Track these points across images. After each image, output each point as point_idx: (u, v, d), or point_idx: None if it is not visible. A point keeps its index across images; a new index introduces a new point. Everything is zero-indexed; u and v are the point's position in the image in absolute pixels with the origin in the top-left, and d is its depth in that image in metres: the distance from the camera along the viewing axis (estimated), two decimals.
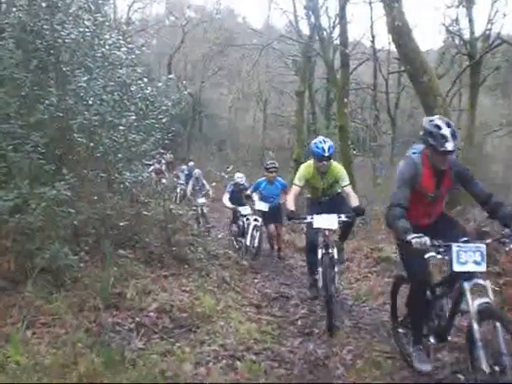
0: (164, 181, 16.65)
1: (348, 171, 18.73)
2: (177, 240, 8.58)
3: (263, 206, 11.19)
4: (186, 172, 19.48)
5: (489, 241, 4.55)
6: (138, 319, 5.88)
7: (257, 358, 5.36)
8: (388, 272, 8.65)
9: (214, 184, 16.67)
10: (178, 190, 18.09)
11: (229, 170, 16.57)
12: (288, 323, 6.73)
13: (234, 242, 12.71)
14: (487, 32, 24.68)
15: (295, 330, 6.46)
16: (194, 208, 14.05)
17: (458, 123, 23.77)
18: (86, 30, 7.81)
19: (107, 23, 8.58)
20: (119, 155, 8.28)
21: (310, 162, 7.72)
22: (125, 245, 7.80)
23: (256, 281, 8.99)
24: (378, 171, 21.88)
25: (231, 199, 12.76)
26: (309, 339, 6.13)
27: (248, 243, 11.40)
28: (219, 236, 11.30)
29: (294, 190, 7.56)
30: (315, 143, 7.50)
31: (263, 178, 11.58)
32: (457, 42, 26.75)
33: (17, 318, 5.58)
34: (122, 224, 7.77)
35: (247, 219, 11.81)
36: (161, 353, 5.19)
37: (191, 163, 19.67)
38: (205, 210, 15.37)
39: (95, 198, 7.97)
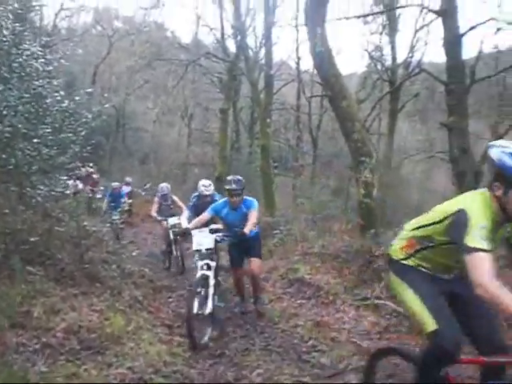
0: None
1: (268, 189, 19.00)
2: (90, 257, 8.38)
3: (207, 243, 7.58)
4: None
5: None
6: (44, 339, 5.67)
7: (165, 380, 5.29)
8: (301, 294, 8.76)
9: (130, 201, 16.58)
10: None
11: (146, 187, 16.24)
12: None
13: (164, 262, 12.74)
14: (409, 59, 25.69)
15: (206, 351, 6.41)
16: (110, 223, 13.52)
17: (376, 147, 24.44)
18: (4, 39, 7.59)
19: (26, 33, 8.32)
20: (33, 168, 8.04)
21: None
22: (35, 261, 7.54)
23: (170, 300, 8.85)
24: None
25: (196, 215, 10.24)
26: (219, 361, 6.11)
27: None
28: (133, 254, 10.96)
29: None
30: None
31: (222, 200, 8.21)
32: (379, 67, 27.58)
33: None
34: (32, 239, 7.53)
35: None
36: (66, 376, 5.03)
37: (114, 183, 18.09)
38: (121, 226, 15.09)
39: (6, 211, 7.71)
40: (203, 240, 7.44)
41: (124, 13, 51.24)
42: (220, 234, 7.58)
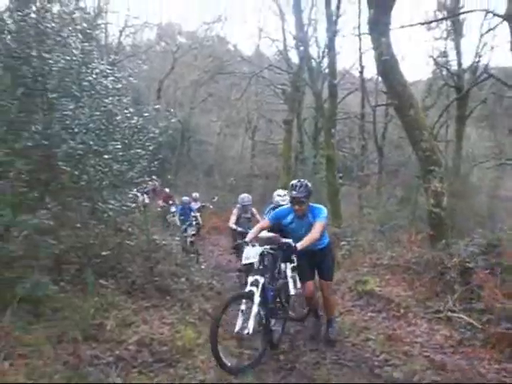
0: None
1: (334, 200, 18.83)
2: (160, 270, 8.49)
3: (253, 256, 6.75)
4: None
5: None
6: (117, 352, 5.80)
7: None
8: (371, 306, 8.61)
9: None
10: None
11: (214, 200, 16.56)
12: (269, 358, 6.64)
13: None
14: (475, 64, 25.07)
15: (276, 365, 6.37)
16: (180, 237, 13.49)
17: (444, 154, 23.95)
18: (74, 58, 7.81)
19: (95, 52, 8.55)
20: (104, 183, 8.23)
21: None
22: (107, 274, 7.71)
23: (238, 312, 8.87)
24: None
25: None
26: (290, 374, 6.07)
27: None
28: (202, 267, 11.11)
29: None
30: None
31: (288, 206, 7.48)
32: (444, 73, 27.08)
33: None
34: (104, 253, 7.71)
35: None
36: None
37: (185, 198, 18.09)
38: (191, 239, 15.07)
39: (78, 226, 7.92)
40: (250, 252, 6.62)
41: (187, 28, 52.01)
42: (268, 247, 6.76)
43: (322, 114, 22.21)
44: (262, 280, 6.35)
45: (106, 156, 7.93)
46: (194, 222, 15.65)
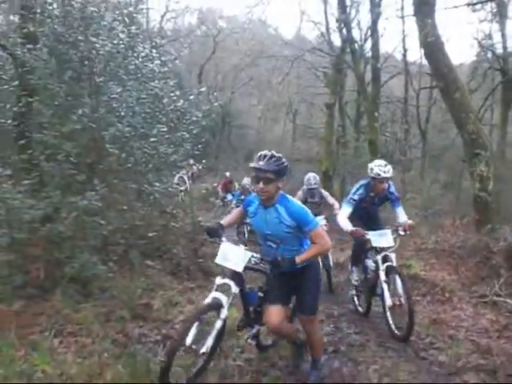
0: (182, 188, 16.68)
1: None
2: (204, 252, 8.58)
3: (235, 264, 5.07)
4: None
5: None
6: (163, 331, 5.92)
7: (281, 373, 5.35)
8: (416, 290, 8.55)
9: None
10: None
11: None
12: None
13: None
14: None
15: None
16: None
17: (490, 139, 23.50)
18: (120, 42, 7.90)
19: (140, 35, 8.63)
20: (149, 165, 8.33)
21: None
22: (153, 255, 7.85)
23: None
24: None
25: None
26: (334, 356, 6.09)
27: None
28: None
29: None
30: None
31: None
32: (489, 56, 26.49)
33: (45, 326, 5.66)
34: (150, 235, 7.82)
35: None
36: (186, 365, 5.20)
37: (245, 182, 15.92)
38: None
39: (125, 208, 8.04)
40: (233, 256, 4.95)
41: (228, 12, 51.95)
42: (257, 257, 4.97)
43: (364, 97, 22.02)
44: (235, 287, 4.93)
45: (152, 139, 8.02)
46: None
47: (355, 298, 8.05)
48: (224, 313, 4.78)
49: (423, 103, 28.61)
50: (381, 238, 6.93)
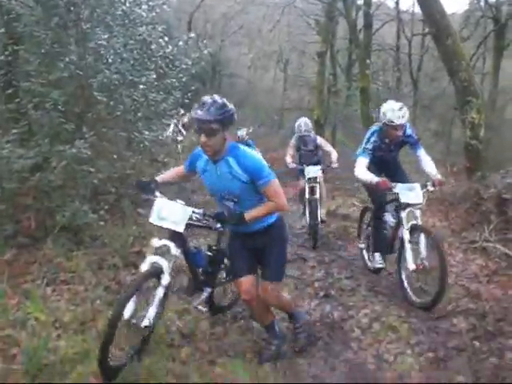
0: (180, 138, 16.49)
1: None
2: (196, 200, 8.59)
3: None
4: None
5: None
6: None
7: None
8: None
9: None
10: None
11: (250, 131, 15.08)
12: (305, 285, 6.76)
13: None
14: None
15: (312, 291, 6.50)
16: None
17: (481, 87, 23.40)
18: None
19: None
20: (139, 114, 8.25)
21: None
22: (144, 204, 7.83)
23: None
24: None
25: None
26: (325, 301, 6.17)
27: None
28: None
29: None
30: None
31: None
32: (482, 4, 26.17)
33: (37, 274, 5.71)
34: None
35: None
36: (178, 312, 5.26)
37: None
38: None
39: (115, 156, 8.00)
40: (171, 214, 4.36)
41: None
42: (199, 212, 4.45)
43: (356, 44, 21.83)
44: (176, 252, 4.35)
45: (141, 86, 7.92)
46: None
47: (365, 253, 7.51)
48: (166, 279, 4.23)
49: (415, 51, 28.34)
50: (410, 193, 6.12)
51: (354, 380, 4.47)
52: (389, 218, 6.93)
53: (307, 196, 9.15)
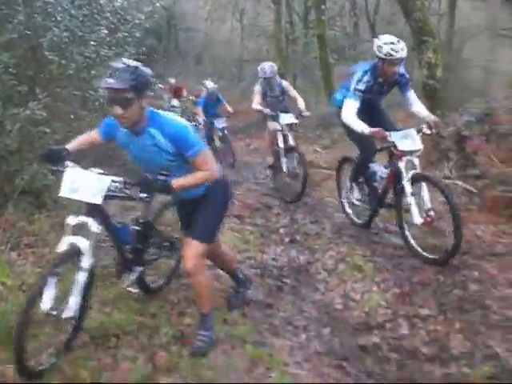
0: None
1: (328, 80, 18.52)
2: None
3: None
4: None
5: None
6: None
7: (240, 266, 5.43)
8: None
9: (190, 97, 16.11)
10: None
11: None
12: (270, 232, 6.84)
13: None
14: None
15: (278, 238, 6.58)
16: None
17: (438, 27, 23.43)
18: None
19: None
20: (93, 72, 8.06)
21: None
22: (105, 163, 7.75)
23: (238, 193, 8.95)
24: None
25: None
26: (291, 246, 6.25)
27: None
28: None
29: None
30: None
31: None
32: None
33: (0, 240, 5.60)
34: None
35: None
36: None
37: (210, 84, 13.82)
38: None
39: (72, 116, 7.85)
40: (85, 185, 3.72)
41: None
42: (120, 181, 3.86)
43: None
44: (95, 226, 3.77)
45: (92, 42, 7.73)
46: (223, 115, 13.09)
47: (347, 207, 7.10)
48: (86, 261, 3.68)
49: None
50: (407, 140, 5.70)
51: (322, 320, 4.56)
52: (379, 168, 6.33)
53: (281, 145, 8.65)
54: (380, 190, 6.31)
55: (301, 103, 8.99)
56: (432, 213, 5.48)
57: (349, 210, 7.07)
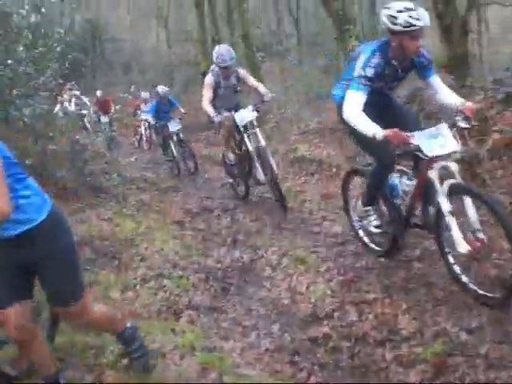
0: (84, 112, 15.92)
1: (257, 77, 18.53)
2: (90, 170, 8.36)
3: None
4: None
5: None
6: None
7: (184, 272, 5.38)
8: (304, 171, 8.77)
9: (118, 107, 15.90)
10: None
11: (131, 89, 15.10)
12: (212, 234, 6.78)
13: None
14: None
15: (220, 240, 6.52)
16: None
17: (360, 16, 23.80)
18: None
19: None
20: (14, 91, 7.83)
21: None
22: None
23: (176, 199, 8.88)
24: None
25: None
26: (234, 247, 6.21)
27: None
28: (132, 159, 10.88)
29: None
30: None
31: None
32: None
33: None
34: (27, 162, 7.46)
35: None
36: (86, 284, 5.12)
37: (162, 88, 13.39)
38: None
39: None
40: None
41: None
42: None
43: None
44: None
45: (9, 61, 7.50)
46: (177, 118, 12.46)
47: (361, 234, 5.48)
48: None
49: None
50: (437, 141, 4.21)
51: (271, 317, 4.53)
52: (401, 180, 4.86)
53: (250, 147, 7.29)
54: (404, 209, 4.78)
55: (261, 88, 7.63)
56: (482, 235, 3.98)
57: (365, 239, 5.45)
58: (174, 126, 11.85)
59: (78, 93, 17.44)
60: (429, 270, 4.72)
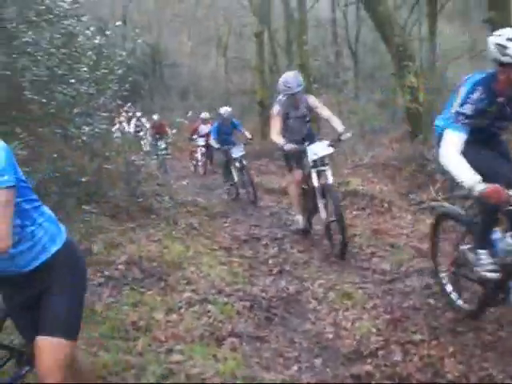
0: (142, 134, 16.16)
1: None
2: (142, 191, 8.49)
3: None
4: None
5: None
6: (107, 273, 5.84)
7: (229, 299, 5.37)
8: (355, 205, 8.70)
9: (174, 131, 16.07)
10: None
11: (188, 115, 15.28)
12: (259, 263, 6.76)
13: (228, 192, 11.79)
14: None
15: (266, 269, 6.50)
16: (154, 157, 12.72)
17: (419, 52, 23.66)
18: None
19: None
20: (75, 110, 8.05)
21: None
22: (90, 201, 7.69)
23: (226, 225, 8.93)
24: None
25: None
26: (280, 277, 6.17)
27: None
28: (184, 183, 10.97)
29: None
30: None
31: None
32: None
33: None
34: (84, 180, 7.63)
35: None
36: (132, 304, 5.18)
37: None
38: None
39: (55, 156, 7.80)
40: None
41: None
42: None
43: (291, 21, 21.76)
44: None
45: (72, 80, 7.71)
46: (242, 143, 11.85)
47: (448, 287, 4.91)
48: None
49: (352, 24, 28.48)
50: None
51: (313, 350, 4.47)
52: (502, 239, 4.03)
53: (316, 184, 6.85)
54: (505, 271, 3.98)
55: (337, 123, 7.17)
56: None
57: (453, 296, 4.82)
58: (237, 152, 11.24)
59: (139, 114, 17.71)
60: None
